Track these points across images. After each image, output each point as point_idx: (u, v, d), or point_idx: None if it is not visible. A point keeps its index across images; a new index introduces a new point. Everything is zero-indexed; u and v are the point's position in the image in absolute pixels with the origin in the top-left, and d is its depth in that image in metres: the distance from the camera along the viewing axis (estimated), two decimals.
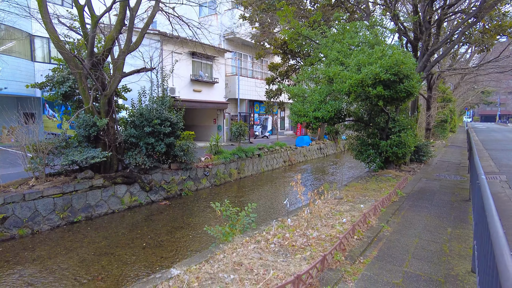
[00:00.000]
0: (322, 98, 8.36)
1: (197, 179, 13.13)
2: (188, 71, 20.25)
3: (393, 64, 6.62)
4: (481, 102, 48.44)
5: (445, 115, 21.31)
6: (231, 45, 24.20)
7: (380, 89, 6.77)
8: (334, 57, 8.11)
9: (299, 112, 8.79)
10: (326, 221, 5.01)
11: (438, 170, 10.56)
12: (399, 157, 9.00)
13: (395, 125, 9.13)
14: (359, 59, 7.10)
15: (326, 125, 8.74)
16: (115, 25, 9.83)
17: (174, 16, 14.32)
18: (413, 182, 8.62)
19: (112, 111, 10.31)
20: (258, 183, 14.56)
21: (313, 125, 8.66)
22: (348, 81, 6.91)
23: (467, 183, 8.57)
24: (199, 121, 24.04)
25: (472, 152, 6.06)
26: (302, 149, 21.10)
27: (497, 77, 29.38)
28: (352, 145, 10.07)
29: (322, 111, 8.18)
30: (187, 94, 20.22)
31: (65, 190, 8.88)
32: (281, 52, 14.83)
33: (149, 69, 11.72)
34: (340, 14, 9.11)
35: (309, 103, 8.60)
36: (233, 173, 14.79)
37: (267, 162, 17.47)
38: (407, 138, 8.81)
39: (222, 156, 14.63)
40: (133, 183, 10.83)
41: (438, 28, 11.15)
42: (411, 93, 7.00)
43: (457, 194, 7.41)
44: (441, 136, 21.71)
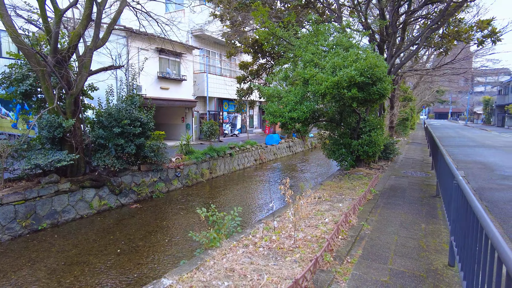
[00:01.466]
0: (297, 99, 8.50)
1: (168, 180, 12.85)
2: (155, 68, 19.69)
3: (368, 67, 6.89)
4: (436, 100, 51.77)
5: (407, 113, 22.54)
6: (199, 42, 23.85)
7: (354, 91, 7.02)
8: (309, 58, 8.27)
9: (275, 112, 8.88)
10: (310, 222, 5.13)
11: (404, 167, 11.16)
12: (369, 155, 9.40)
13: (365, 125, 9.51)
14: (334, 62, 7.31)
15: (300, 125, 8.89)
16: (81, 20, 9.31)
17: (142, 12, 13.86)
18: (383, 179, 9.04)
19: (79, 111, 9.79)
20: (231, 183, 14.53)
21: (289, 125, 8.79)
22: (324, 83, 7.08)
23: (432, 180, 9.15)
24: (167, 120, 23.47)
25: (441, 151, 6.48)
26: (272, 147, 21.33)
27: (450, 77, 31.56)
28: (325, 144, 10.36)
29: (298, 112, 8.32)
30: (154, 92, 19.68)
31: (27, 196, 8.31)
32: (252, 51, 14.85)
33: (117, 66, 11.25)
34: (314, 16, 9.29)
35: (285, 104, 8.71)
36: (205, 173, 14.63)
37: (239, 161, 17.47)
38: (377, 137, 9.21)
39: (194, 156, 14.42)
40: (102, 186, 10.37)
41: (403, 31, 11.74)
42: (384, 95, 7.34)
43: (425, 190, 7.89)
44: (403, 134, 22.93)
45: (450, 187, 4.69)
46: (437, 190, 7.45)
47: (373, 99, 7.46)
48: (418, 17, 12.97)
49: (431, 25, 10.50)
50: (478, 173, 10.41)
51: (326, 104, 8.63)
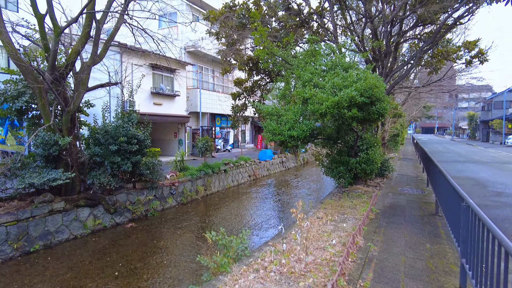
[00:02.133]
0: (297, 118, 8.59)
1: (163, 198, 12.66)
2: (149, 84, 19.67)
3: (368, 88, 7.05)
4: (423, 116, 53.03)
5: (397, 129, 22.96)
6: (193, 58, 24.00)
7: (355, 111, 7.14)
8: (308, 78, 8.41)
9: (274, 130, 8.92)
10: (317, 243, 5.11)
11: (400, 184, 11.29)
12: (367, 173, 9.49)
13: (363, 143, 9.63)
14: (335, 82, 7.45)
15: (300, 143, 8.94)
16: (80, 37, 9.29)
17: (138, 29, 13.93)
18: (382, 197, 9.12)
19: (75, 128, 9.65)
20: (226, 200, 14.40)
21: (289, 143, 8.84)
22: (325, 103, 7.19)
23: (429, 197, 9.27)
24: (160, 135, 23.29)
25: (440, 171, 6.59)
26: (265, 163, 21.34)
27: (437, 94, 32.49)
28: (322, 162, 10.42)
29: (297, 130, 8.39)
30: (148, 108, 19.58)
31: (20, 217, 8.05)
32: (247, 69, 15.02)
33: (113, 83, 11.21)
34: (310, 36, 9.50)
35: (284, 122, 8.78)
36: (199, 190, 14.48)
37: (233, 177, 17.38)
38: (374, 155, 9.33)
39: (188, 173, 14.29)
40: (97, 205, 10.15)
41: (395, 50, 12.11)
42: (383, 114, 7.49)
43: (424, 208, 7.97)
44: (394, 149, 23.29)
45: (453, 207, 4.77)
46: (436, 208, 7.54)
47: (372, 118, 7.60)
48: (409, 37, 13.41)
49: (424, 46, 10.87)
50: (472, 189, 10.60)
51: (324, 123, 8.74)
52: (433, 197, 9.08)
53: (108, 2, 9.69)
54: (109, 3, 9.66)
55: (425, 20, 10.73)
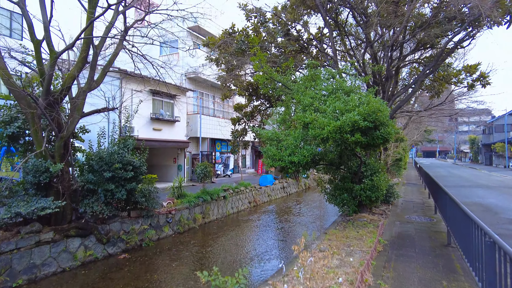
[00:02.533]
0: (297, 143, 8.26)
1: (159, 227, 12.11)
2: (148, 110, 19.56)
3: (371, 112, 6.76)
4: (424, 139, 52.78)
5: (400, 153, 22.59)
6: (193, 84, 24.08)
7: (358, 136, 6.82)
8: (308, 103, 8.16)
9: (274, 156, 8.58)
10: (322, 283, 4.61)
11: (406, 211, 10.78)
12: (372, 201, 9.04)
13: (367, 169, 9.25)
14: (336, 106, 7.18)
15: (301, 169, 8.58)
16: (77, 62, 9.16)
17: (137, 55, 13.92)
18: (389, 226, 8.61)
19: (68, 154, 9.31)
20: (225, 228, 13.81)
21: (289, 169, 8.46)
22: (327, 128, 6.88)
23: (439, 225, 8.76)
24: (159, 161, 22.95)
25: (451, 199, 6.17)
26: (266, 188, 20.82)
27: (438, 117, 32.38)
28: (325, 189, 9.99)
29: (298, 156, 8.04)
30: (147, 133, 19.37)
31: (3, 249, 7.55)
32: (247, 94, 14.89)
33: (110, 109, 10.99)
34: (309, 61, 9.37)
35: (285, 148, 8.45)
36: (197, 218, 13.93)
37: (232, 204, 16.84)
38: (379, 181, 8.92)
39: (186, 200, 13.80)
40: (89, 235, 9.62)
41: (396, 75, 11.97)
42: (387, 139, 7.16)
43: (434, 238, 7.46)
44: (397, 174, 22.81)
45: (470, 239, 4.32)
46: (448, 238, 7.04)
47: (376, 143, 7.26)
48: (409, 62, 13.35)
49: (425, 70, 10.73)
50: (482, 216, 10.07)
51: (326, 148, 8.40)
52: (443, 226, 8.57)
53: (106, 28, 9.63)
54: (107, 29, 9.60)
55: (425, 44, 10.65)
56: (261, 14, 12.41)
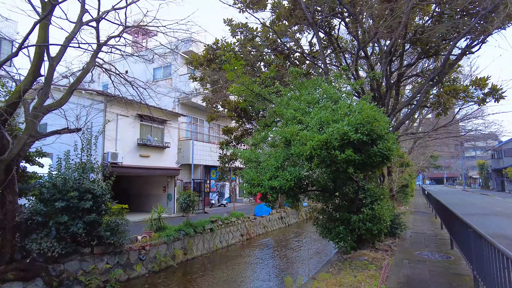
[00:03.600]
0: (279, 164, 6.73)
1: (129, 266, 10.36)
2: (135, 135, 18.28)
3: (364, 121, 5.28)
4: (431, 166, 50.65)
5: (406, 179, 20.78)
6: (186, 110, 22.97)
7: (349, 153, 5.29)
8: (291, 115, 6.72)
9: (252, 180, 7.03)
10: None
11: (416, 246, 8.96)
12: (374, 234, 7.32)
13: (366, 196, 7.61)
14: (321, 117, 5.72)
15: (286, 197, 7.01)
16: (27, 75, 7.93)
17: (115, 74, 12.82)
18: (396, 267, 6.82)
19: (11, 181, 7.85)
20: (209, 267, 11.96)
21: (270, 196, 6.88)
22: (309, 143, 5.39)
23: (458, 265, 6.95)
24: (147, 190, 21.38)
25: (478, 235, 4.54)
26: (262, 219, 18.95)
27: (444, 141, 30.65)
28: (317, 220, 8.30)
29: (279, 180, 6.48)
30: (133, 160, 17.97)
31: None
32: (236, 116, 13.57)
33: (73, 130, 9.62)
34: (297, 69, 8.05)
35: (264, 170, 6.92)
36: (177, 254, 12.13)
37: (222, 237, 15.01)
38: (381, 211, 7.26)
39: (165, 233, 12.08)
40: (34, 278, 7.96)
41: (397, 88, 10.62)
42: (388, 157, 5.59)
43: (456, 286, 5.67)
44: (404, 202, 20.85)
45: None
46: (475, 285, 5.27)
47: (374, 162, 5.70)
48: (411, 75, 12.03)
49: (432, 77, 9.32)
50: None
51: (315, 170, 6.83)
52: (463, 266, 6.78)
53: (66, 38, 8.48)
54: (66, 40, 8.45)
55: (428, 52, 9.32)
56: (248, 29, 11.31)
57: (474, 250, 5.20)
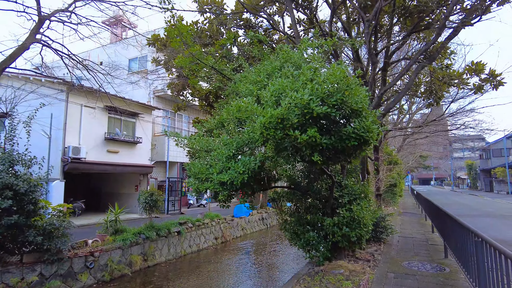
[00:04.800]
0: (231, 153, 5.21)
1: (72, 276, 8.72)
2: (103, 129, 16.60)
3: (333, 89, 3.80)
4: (420, 166, 49.69)
5: (394, 178, 19.45)
6: (162, 103, 21.31)
7: (313, 133, 3.79)
8: (247, 91, 5.21)
9: (199, 174, 5.51)
10: None
11: (404, 254, 7.52)
12: (352, 242, 5.84)
13: (343, 194, 6.12)
14: (279, 86, 4.22)
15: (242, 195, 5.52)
16: None
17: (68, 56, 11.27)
18: (378, 283, 5.35)
19: None
20: (172, 276, 10.36)
21: (221, 195, 5.36)
22: (260, 120, 3.89)
23: (455, 280, 5.51)
24: (119, 188, 19.67)
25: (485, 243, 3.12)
26: (240, 220, 17.40)
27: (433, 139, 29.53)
28: (286, 223, 6.80)
29: (230, 173, 4.97)
30: (99, 156, 16.29)
31: None
32: (206, 105, 11.99)
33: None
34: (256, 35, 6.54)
35: (215, 161, 5.40)
36: (135, 261, 10.49)
37: (191, 241, 13.41)
38: (361, 212, 5.78)
39: (121, 237, 10.46)
40: None
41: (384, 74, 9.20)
42: (366, 140, 4.10)
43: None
44: (392, 202, 19.51)
45: None
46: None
47: (348, 147, 4.21)
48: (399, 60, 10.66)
49: (425, 49, 7.88)
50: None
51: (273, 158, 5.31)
52: (462, 282, 5.35)
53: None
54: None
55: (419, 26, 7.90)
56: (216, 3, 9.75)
57: (482, 266, 3.76)
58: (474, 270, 4.28)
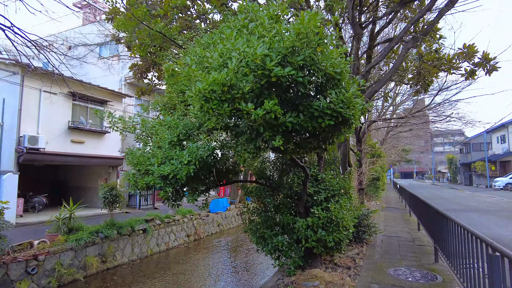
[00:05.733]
0: (175, 138, 4.03)
1: (8, 284, 7.40)
2: (66, 117, 15.02)
3: (301, 43, 2.66)
4: (402, 159, 49.65)
5: (377, 172, 18.68)
6: (134, 90, 19.76)
7: (272, 106, 2.65)
8: (197, 58, 4.01)
9: (139, 165, 4.31)
10: None
11: (390, 257, 6.54)
12: (329, 247, 4.78)
13: (319, 189, 5.04)
14: (230, 45, 3.05)
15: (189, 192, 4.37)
16: None
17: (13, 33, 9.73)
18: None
19: None
20: (133, 279, 9.15)
21: (163, 192, 4.18)
22: (196, 88, 2.73)
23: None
24: (87, 182, 18.13)
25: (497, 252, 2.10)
26: (216, 216, 16.26)
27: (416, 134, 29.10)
28: (252, 223, 5.67)
29: (173, 164, 3.78)
30: (62, 146, 14.75)
31: None
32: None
33: None
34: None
35: (157, 149, 4.20)
36: (91, 263, 9.22)
37: (160, 239, 12.18)
38: (340, 212, 4.72)
39: (74, 237, 9.16)
40: None
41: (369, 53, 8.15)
42: (346, 118, 2.97)
43: None
44: (375, 197, 18.75)
45: None
46: None
47: (322, 129, 3.09)
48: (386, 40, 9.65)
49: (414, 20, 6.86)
50: None
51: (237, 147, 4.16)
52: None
53: None
54: None
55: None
56: None
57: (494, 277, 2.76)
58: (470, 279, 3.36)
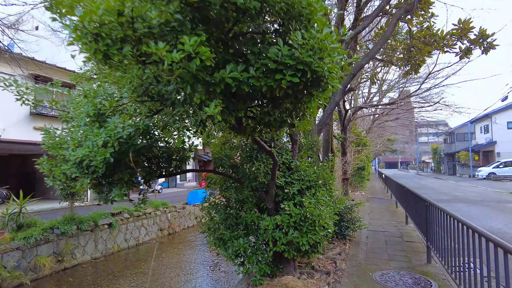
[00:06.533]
0: (91, 111, 2.95)
1: None
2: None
3: None
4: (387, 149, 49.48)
5: (362, 161, 17.94)
6: None
7: (194, 46, 1.62)
8: None
9: (53, 149, 3.23)
10: None
11: (376, 257, 5.67)
12: (303, 251, 3.83)
13: (291, 180, 4.06)
14: None
15: (107, 186, 3.30)
16: None
17: None
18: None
19: None
20: (91, 280, 8.09)
21: (79, 184, 3.13)
22: (89, 16, 1.68)
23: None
24: None
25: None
26: (194, 208, 15.21)
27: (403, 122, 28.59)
28: (211, 221, 4.68)
29: (87, 146, 2.71)
30: (24, 134, 13.41)
31: None
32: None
33: None
34: None
35: (74, 128, 3.12)
36: (42, 263, 8.09)
37: (129, 234, 11.10)
38: (317, 208, 3.75)
39: (23, 234, 8.01)
40: None
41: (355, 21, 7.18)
42: (317, 74, 1.98)
43: None
44: (359, 187, 18.05)
45: None
46: None
47: (283, 91, 2.09)
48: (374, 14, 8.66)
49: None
50: None
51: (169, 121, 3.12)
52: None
53: None
54: None
55: None
56: None
57: None
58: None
